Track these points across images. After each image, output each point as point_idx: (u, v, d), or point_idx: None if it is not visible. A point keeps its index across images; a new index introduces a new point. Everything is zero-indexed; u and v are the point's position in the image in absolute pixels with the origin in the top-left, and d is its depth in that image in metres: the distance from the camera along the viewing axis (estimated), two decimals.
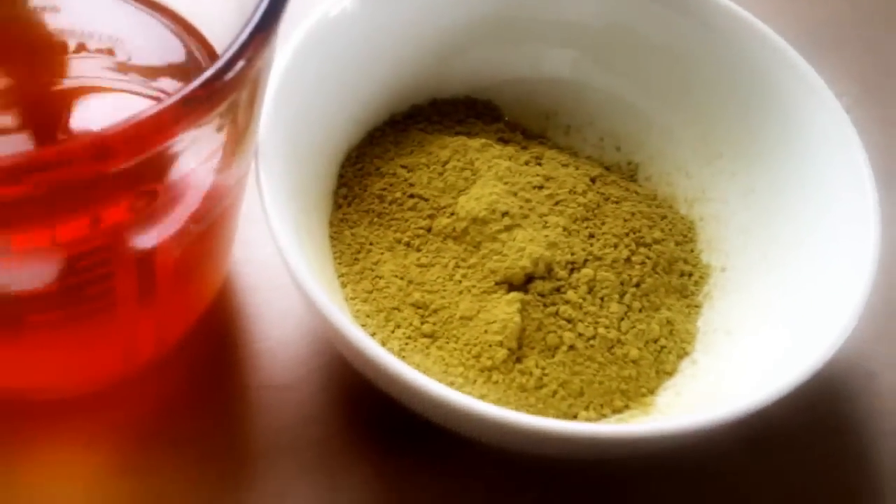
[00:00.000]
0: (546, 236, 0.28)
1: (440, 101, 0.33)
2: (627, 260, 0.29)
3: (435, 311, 0.27)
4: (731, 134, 0.31)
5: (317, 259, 0.27)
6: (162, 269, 0.23)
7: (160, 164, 0.20)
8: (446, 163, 0.30)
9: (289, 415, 0.28)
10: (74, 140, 0.18)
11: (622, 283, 0.28)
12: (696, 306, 0.30)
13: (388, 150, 0.31)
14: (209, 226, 0.24)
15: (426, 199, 0.29)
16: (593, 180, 0.31)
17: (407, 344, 0.27)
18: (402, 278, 0.28)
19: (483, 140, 0.31)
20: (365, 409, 0.28)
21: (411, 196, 0.30)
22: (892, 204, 0.35)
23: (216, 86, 0.19)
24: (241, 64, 0.19)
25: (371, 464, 0.27)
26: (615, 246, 0.29)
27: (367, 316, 0.27)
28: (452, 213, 0.29)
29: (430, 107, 0.33)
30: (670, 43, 0.31)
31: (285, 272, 0.24)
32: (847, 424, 0.30)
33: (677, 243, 0.31)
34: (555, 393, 0.27)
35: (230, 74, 0.19)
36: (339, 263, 0.29)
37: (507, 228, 0.28)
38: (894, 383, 0.31)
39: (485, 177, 0.29)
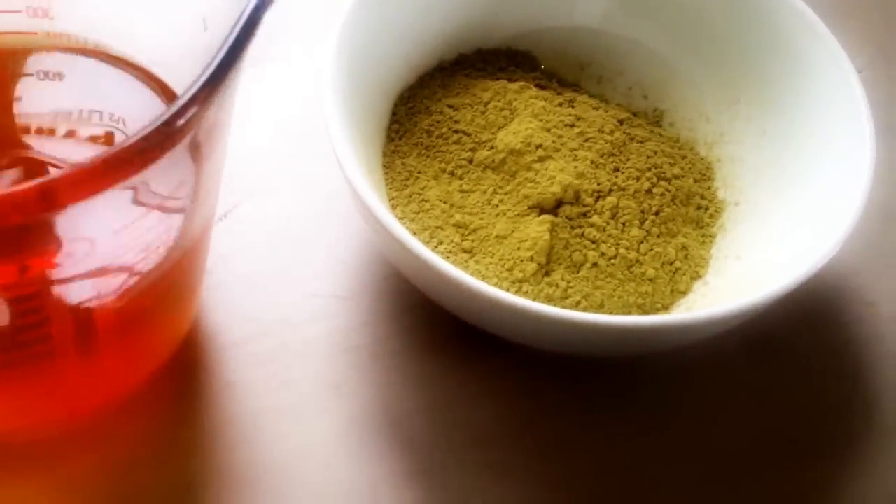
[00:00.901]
0: (575, 167, 0.32)
1: (484, 50, 0.36)
2: (648, 191, 0.32)
3: (474, 231, 0.31)
4: (748, 82, 0.34)
5: (372, 183, 0.31)
6: (102, 321, 0.24)
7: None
8: (488, 103, 0.33)
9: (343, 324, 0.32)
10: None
11: (643, 212, 0.32)
12: (711, 236, 0.33)
13: (436, 92, 0.34)
14: (156, 280, 0.24)
15: (469, 134, 0.33)
16: (621, 122, 0.34)
17: (448, 258, 0.31)
18: (445, 202, 0.32)
19: (521, 83, 0.34)
20: (411, 318, 0.32)
21: (455, 132, 0.33)
22: (886, 150, 0.38)
23: (144, 145, 0.19)
24: (177, 124, 0.19)
25: (416, 364, 0.31)
26: (637, 179, 0.32)
27: (414, 234, 0.31)
28: (492, 147, 0.32)
29: (475, 55, 0.36)
30: None
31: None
32: (846, 346, 0.33)
33: (696, 180, 0.34)
34: (578, 304, 0.30)
35: (160, 136, 0.19)
36: (391, 188, 0.32)
37: (541, 160, 0.32)
38: (891, 312, 0.34)
39: (522, 115, 0.33)
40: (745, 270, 0.31)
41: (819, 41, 0.32)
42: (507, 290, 0.30)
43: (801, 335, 0.33)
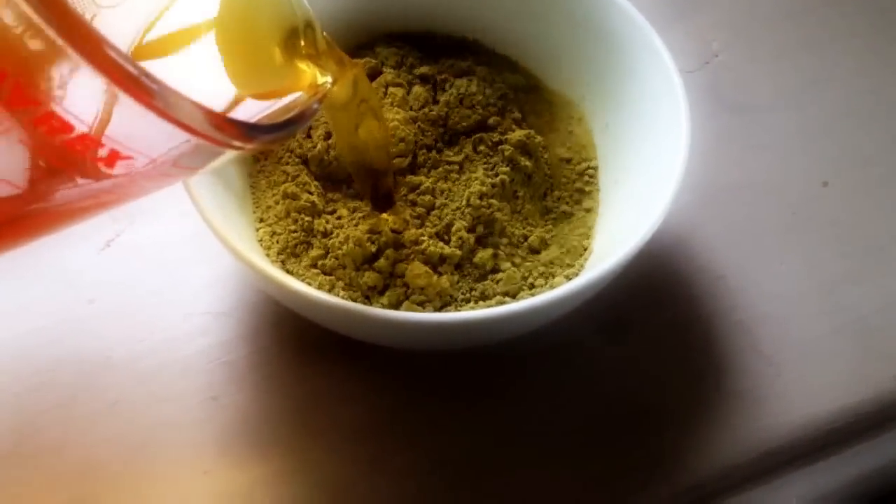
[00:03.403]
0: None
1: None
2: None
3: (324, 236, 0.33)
4: (588, 81, 0.37)
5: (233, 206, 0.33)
6: None
7: None
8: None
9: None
10: None
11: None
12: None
13: None
14: None
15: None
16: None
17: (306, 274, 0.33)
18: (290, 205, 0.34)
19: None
20: (284, 329, 0.34)
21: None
22: (740, 127, 0.40)
23: None
24: None
25: (290, 371, 0.33)
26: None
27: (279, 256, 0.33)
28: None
29: None
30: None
31: None
32: (697, 320, 0.35)
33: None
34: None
35: None
36: (255, 205, 0.34)
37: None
38: (738, 283, 0.36)
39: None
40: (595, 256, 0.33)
41: (644, 41, 0.34)
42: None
43: (653, 313, 0.35)
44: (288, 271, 0.32)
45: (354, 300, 0.31)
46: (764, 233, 0.38)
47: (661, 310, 0.35)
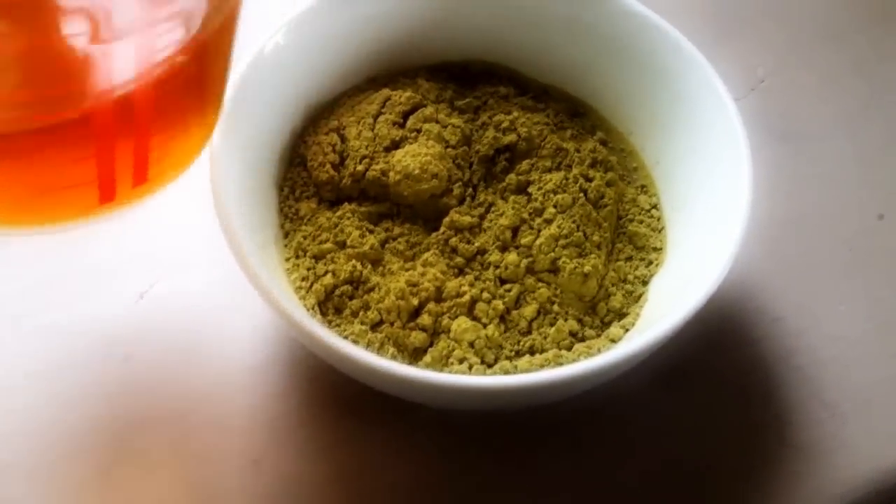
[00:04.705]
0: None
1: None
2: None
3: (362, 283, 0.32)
4: (635, 113, 0.35)
5: (266, 259, 0.31)
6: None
7: None
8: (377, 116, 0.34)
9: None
10: None
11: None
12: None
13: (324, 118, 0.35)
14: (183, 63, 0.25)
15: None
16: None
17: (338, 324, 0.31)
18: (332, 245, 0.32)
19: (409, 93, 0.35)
20: (323, 384, 0.33)
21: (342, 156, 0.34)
22: (792, 157, 0.39)
23: None
24: None
25: (331, 431, 0.32)
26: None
27: (306, 300, 0.31)
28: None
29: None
30: (584, 33, 0.36)
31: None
32: (756, 364, 0.34)
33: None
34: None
35: None
36: (287, 249, 0.33)
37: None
38: (796, 326, 0.35)
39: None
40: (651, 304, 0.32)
41: (695, 71, 0.33)
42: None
43: (709, 358, 0.34)
44: (329, 322, 0.31)
45: (401, 359, 0.30)
46: (821, 270, 0.36)
47: (717, 355, 0.34)
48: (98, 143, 0.26)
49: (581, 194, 0.33)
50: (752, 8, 0.44)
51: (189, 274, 0.35)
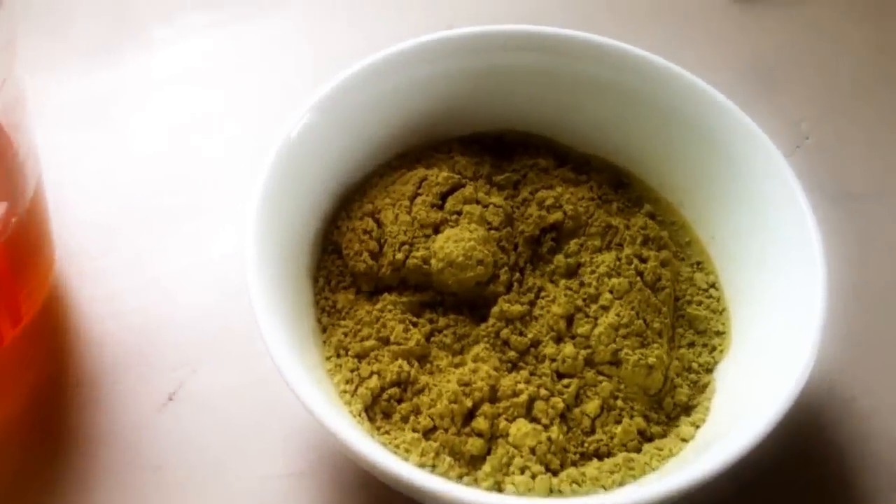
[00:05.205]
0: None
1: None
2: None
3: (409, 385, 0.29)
4: (686, 184, 0.33)
5: (304, 357, 0.29)
6: None
7: None
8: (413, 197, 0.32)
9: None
10: None
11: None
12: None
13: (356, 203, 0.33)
14: None
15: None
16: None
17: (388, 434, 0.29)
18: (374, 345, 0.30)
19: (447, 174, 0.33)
20: (367, 494, 0.30)
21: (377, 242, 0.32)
22: (847, 220, 0.37)
23: None
24: None
25: None
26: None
27: (351, 407, 0.29)
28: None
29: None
30: (629, 101, 0.34)
31: None
32: (830, 450, 0.32)
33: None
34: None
35: None
36: (327, 347, 0.31)
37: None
38: (873, 406, 0.32)
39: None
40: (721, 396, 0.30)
41: (748, 138, 0.31)
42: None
43: (781, 445, 0.31)
44: (378, 429, 0.29)
45: (458, 468, 0.28)
46: (889, 344, 0.34)
47: (787, 440, 0.32)
48: None
49: (637, 277, 0.31)
50: (789, 59, 0.42)
51: (221, 371, 0.33)
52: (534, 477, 0.28)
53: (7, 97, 0.27)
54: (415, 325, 0.31)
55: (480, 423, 0.28)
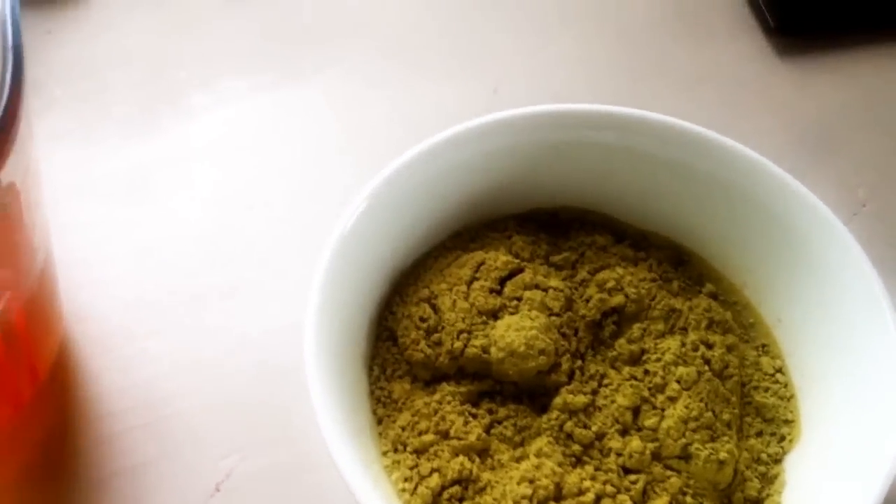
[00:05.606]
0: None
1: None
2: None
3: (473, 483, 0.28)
4: (749, 263, 0.32)
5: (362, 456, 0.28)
6: None
7: None
8: (471, 282, 0.31)
9: None
10: None
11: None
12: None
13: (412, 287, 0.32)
14: None
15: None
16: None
17: None
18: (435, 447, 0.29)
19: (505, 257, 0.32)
20: None
21: (429, 331, 0.31)
22: None
23: None
24: None
25: None
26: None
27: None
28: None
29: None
30: (689, 178, 0.33)
31: None
32: None
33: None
34: None
35: None
36: (384, 442, 0.30)
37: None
38: None
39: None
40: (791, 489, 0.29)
41: (828, 229, 0.30)
42: None
43: None
44: None
45: None
46: None
47: None
48: None
49: (704, 366, 0.30)
50: (842, 124, 0.41)
51: (268, 455, 0.32)
52: None
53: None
54: (474, 416, 0.29)
55: None
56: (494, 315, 0.31)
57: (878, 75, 0.42)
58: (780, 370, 0.31)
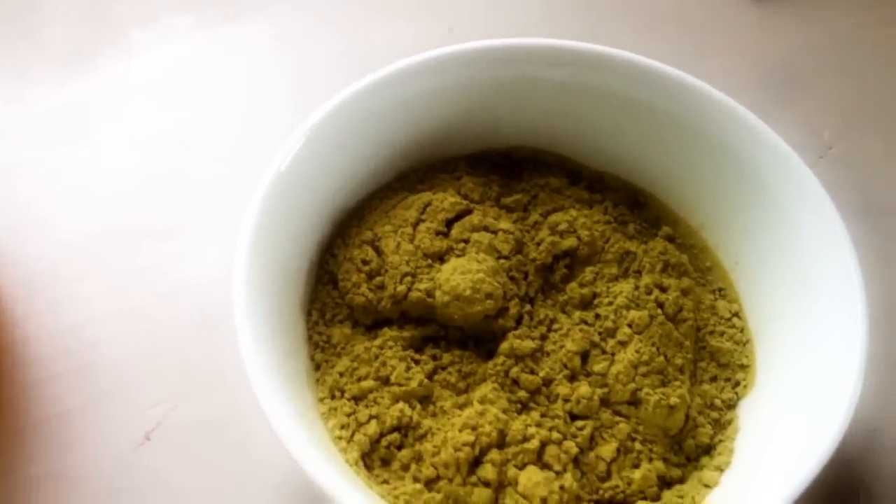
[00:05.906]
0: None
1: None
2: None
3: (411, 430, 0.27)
4: (708, 205, 0.31)
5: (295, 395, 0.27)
6: None
7: None
8: (416, 224, 0.30)
9: None
10: None
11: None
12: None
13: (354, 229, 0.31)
14: None
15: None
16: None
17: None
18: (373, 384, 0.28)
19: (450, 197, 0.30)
20: None
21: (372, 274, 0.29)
22: (874, 236, 0.34)
23: None
24: None
25: None
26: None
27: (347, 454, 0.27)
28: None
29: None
30: (648, 117, 0.31)
31: None
32: (854, 485, 0.30)
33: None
34: None
35: None
36: (320, 387, 0.28)
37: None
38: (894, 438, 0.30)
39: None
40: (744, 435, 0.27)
41: (779, 159, 0.29)
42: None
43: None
44: (376, 477, 0.26)
45: None
46: None
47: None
48: None
49: (657, 309, 0.28)
50: (808, 66, 0.40)
51: (203, 405, 0.31)
52: None
53: None
54: (417, 362, 0.28)
55: (487, 471, 0.26)
56: (440, 258, 0.29)
57: (846, 17, 0.41)
58: (736, 314, 0.30)
